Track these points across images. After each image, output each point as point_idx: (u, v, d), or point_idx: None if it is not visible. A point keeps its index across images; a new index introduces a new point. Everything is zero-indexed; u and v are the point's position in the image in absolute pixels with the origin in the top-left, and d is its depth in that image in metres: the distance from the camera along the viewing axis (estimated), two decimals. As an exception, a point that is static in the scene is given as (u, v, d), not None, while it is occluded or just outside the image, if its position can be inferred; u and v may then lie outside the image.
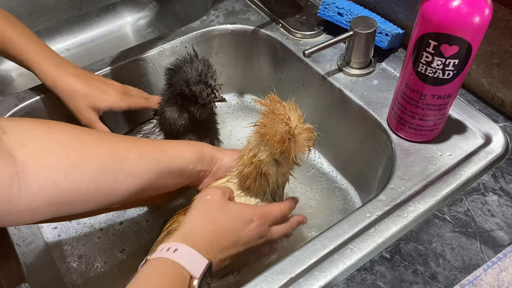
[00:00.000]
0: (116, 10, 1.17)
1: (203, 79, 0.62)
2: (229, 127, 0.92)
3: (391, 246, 0.54)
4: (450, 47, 0.51)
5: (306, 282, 0.50)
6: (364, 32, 0.69)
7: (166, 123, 0.67)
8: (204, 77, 0.62)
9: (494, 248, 0.54)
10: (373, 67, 0.75)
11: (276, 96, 0.54)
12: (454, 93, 0.58)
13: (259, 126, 0.53)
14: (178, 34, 0.84)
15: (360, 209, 0.57)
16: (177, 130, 0.67)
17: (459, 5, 0.49)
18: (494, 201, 0.58)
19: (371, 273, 0.52)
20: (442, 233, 0.55)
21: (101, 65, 0.79)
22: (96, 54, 0.74)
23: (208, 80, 0.62)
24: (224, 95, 0.97)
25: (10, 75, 1.05)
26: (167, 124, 0.67)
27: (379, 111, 0.69)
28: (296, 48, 0.80)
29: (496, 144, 0.63)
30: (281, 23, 0.84)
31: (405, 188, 0.59)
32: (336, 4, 0.78)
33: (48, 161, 0.45)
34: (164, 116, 0.67)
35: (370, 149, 0.72)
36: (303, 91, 0.83)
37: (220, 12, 0.89)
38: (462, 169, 0.60)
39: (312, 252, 0.53)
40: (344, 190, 0.81)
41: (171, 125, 0.66)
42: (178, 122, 0.66)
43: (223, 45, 0.88)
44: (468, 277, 0.51)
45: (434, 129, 0.62)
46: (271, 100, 0.54)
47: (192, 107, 0.64)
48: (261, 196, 0.58)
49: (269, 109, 0.53)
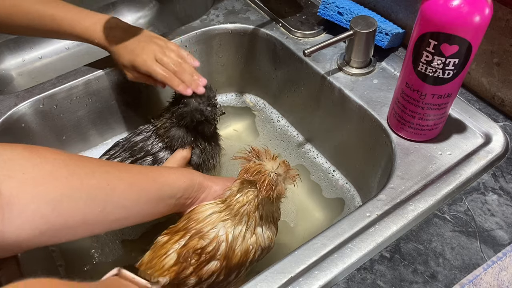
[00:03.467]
0: (116, 9, 1.17)
1: (212, 103, 0.67)
2: (230, 127, 0.92)
3: (391, 245, 0.54)
4: (450, 46, 0.51)
5: (306, 282, 0.50)
6: (364, 31, 0.69)
7: (174, 140, 0.68)
8: (211, 100, 0.67)
9: (494, 247, 0.54)
10: (373, 67, 0.75)
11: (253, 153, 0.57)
12: (454, 93, 0.58)
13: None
14: (178, 33, 0.84)
15: (360, 209, 0.57)
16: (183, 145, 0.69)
17: (459, 5, 0.49)
18: (494, 201, 0.58)
19: (371, 273, 0.52)
20: (442, 233, 0.55)
21: (101, 64, 0.79)
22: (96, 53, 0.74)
23: (213, 101, 0.67)
24: (224, 94, 0.98)
25: (10, 74, 1.05)
26: (174, 141, 0.69)
27: (379, 111, 0.69)
28: (296, 47, 0.80)
29: (496, 144, 0.63)
30: (281, 22, 0.84)
31: (405, 188, 0.59)
32: (336, 3, 0.77)
33: (35, 193, 0.43)
34: (172, 136, 0.68)
35: (370, 149, 0.72)
36: (303, 91, 0.83)
37: (220, 12, 0.88)
38: (462, 169, 0.60)
39: (312, 251, 0.53)
40: (344, 189, 0.81)
41: (179, 143, 0.69)
42: (187, 140, 0.69)
43: (223, 44, 0.88)
44: (468, 277, 0.51)
45: (434, 129, 0.62)
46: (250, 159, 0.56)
47: (200, 126, 0.69)
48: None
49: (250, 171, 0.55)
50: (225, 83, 0.95)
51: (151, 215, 0.55)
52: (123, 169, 0.53)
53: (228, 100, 0.97)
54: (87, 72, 0.78)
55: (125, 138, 0.73)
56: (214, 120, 0.69)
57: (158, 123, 0.70)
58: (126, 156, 0.69)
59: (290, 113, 0.91)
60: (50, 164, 0.46)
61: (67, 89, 0.76)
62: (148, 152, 0.69)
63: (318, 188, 0.82)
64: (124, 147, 0.70)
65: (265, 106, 0.96)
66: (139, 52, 0.67)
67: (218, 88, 0.72)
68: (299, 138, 0.90)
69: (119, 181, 0.51)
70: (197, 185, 0.59)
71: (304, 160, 0.86)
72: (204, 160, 0.72)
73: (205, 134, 0.70)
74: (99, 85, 0.79)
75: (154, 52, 0.67)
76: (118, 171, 0.52)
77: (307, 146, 0.88)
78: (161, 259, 0.54)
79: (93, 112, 0.82)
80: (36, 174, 0.44)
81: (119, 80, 0.80)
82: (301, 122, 0.89)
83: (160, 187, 0.55)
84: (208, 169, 0.74)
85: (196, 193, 0.59)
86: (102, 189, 0.48)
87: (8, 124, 0.72)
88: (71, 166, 0.47)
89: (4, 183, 0.42)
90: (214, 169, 0.75)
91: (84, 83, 0.77)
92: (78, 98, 0.78)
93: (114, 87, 0.81)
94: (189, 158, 0.70)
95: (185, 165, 0.70)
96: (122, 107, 0.85)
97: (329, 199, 0.80)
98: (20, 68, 1.05)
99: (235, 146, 0.88)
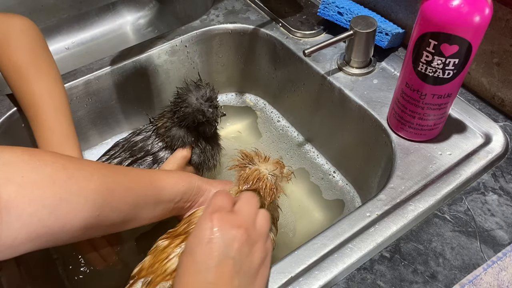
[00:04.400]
0: (116, 9, 1.17)
1: (214, 104, 0.67)
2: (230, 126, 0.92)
3: (391, 245, 0.54)
4: (450, 46, 0.51)
5: (306, 281, 0.51)
6: (364, 31, 0.69)
7: (174, 140, 0.68)
8: (213, 101, 0.67)
9: (494, 247, 0.54)
10: (373, 67, 0.75)
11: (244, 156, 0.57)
12: (454, 93, 0.58)
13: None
14: (178, 33, 0.84)
15: (360, 209, 0.57)
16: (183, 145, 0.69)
17: (459, 5, 0.49)
18: (494, 201, 0.58)
19: (371, 273, 0.52)
20: (442, 233, 0.55)
21: (101, 64, 0.79)
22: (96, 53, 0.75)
23: (215, 103, 0.67)
24: (224, 94, 0.98)
25: (10, 74, 1.05)
26: (175, 141, 0.68)
27: (379, 111, 0.69)
28: (296, 47, 0.80)
29: (496, 144, 0.63)
30: (281, 22, 0.84)
31: (405, 188, 0.59)
32: (336, 3, 0.77)
33: (33, 197, 0.43)
34: (172, 136, 0.68)
35: (370, 149, 0.72)
36: (303, 91, 0.83)
37: (220, 12, 0.88)
38: (462, 169, 0.60)
39: (312, 251, 0.53)
40: (344, 189, 0.81)
41: (179, 143, 0.69)
42: (188, 140, 0.69)
43: (223, 44, 0.88)
44: (468, 277, 0.51)
45: (434, 129, 0.62)
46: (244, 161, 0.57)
47: (201, 127, 0.69)
48: None
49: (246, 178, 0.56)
50: (225, 83, 0.95)
51: (149, 219, 0.55)
52: (122, 173, 0.53)
53: (228, 100, 0.97)
54: (87, 72, 0.78)
55: (125, 138, 0.73)
56: (215, 121, 0.70)
57: (159, 123, 0.70)
58: (126, 156, 0.69)
59: (290, 113, 0.91)
60: (50, 167, 0.46)
61: (67, 89, 0.75)
62: (148, 152, 0.69)
63: (318, 189, 0.82)
64: (124, 147, 0.70)
65: (265, 106, 0.96)
66: None
67: (218, 88, 0.72)
68: (299, 139, 0.90)
69: (117, 185, 0.50)
70: (196, 189, 0.58)
71: (304, 162, 0.86)
72: (204, 159, 0.72)
73: (206, 134, 0.70)
74: (99, 85, 0.79)
75: None
76: (116, 175, 0.51)
77: (308, 147, 0.88)
78: (163, 263, 0.54)
79: (93, 112, 0.82)
80: (35, 178, 0.44)
81: (119, 80, 0.80)
82: (301, 122, 0.89)
83: (158, 191, 0.54)
84: (208, 169, 0.74)
85: (195, 196, 0.59)
86: (100, 194, 0.48)
87: (8, 124, 0.72)
88: (70, 169, 0.47)
89: (3, 186, 0.42)
90: (214, 168, 0.75)
91: (84, 83, 0.77)
92: (78, 98, 0.78)
93: (114, 87, 0.81)
94: (189, 157, 0.70)
95: (185, 164, 0.70)
96: (122, 107, 0.85)
97: (329, 198, 0.80)
98: (20, 68, 1.05)
99: (235, 146, 0.88)
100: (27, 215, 0.42)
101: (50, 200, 0.44)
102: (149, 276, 0.53)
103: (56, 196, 0.44)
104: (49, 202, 0.44)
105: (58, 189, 0.45)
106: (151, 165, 0.68)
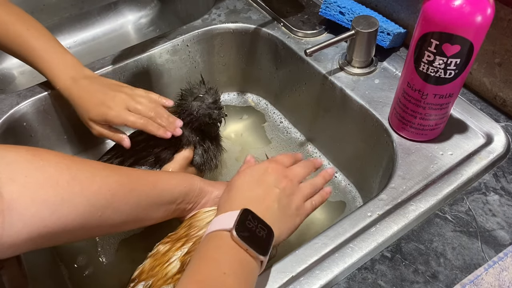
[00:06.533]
0: (118, 8, 1.17)
1: (218, 106, 0.69)
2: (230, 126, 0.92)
3: (392, 245, 0.54)
4: (452, 46, 0.51)
5: (307, 281, 0.51)
6: (365, 31, 0.69)
7: (177, 140, 0.68)
8: (217, 103, 0.69)
9: (495, 247, 0.54)
10: (374, 66, 0.75)
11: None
12: (455, 93, 0.58)
13: None
14: (179, 32, 0.84)
15: (361, 208, 0.57)
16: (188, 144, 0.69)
17: (461, 4, 0.48)
18: (495, 201, 0.58)
19: (372, 272, 0.52)
20: (443, 233, 0.55)
21: (102, 64, 0.79)
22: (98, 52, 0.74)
23: (219, 104, 0.69)
24: (226, 94, 0.98)
25: (12, 73, 1.05)
26: (178, 141, 0.69)
27: (381, 110, 0.69)
28: (297, 47, 0.80)
29: (498, 144, 0.63)
30: (283, 22, 0.84)
31: (406, 188, 0.59)
32: (337, 3, 0.77)
33: (36, 197, 0.43)
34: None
35: (371, 148, 0.72)
36: (305, 90, 0.83)
37: (222, 11, 0.89)
38: (463, 169, 0.60)
39: (313, 250, 0.53)
40: (345, 189, 0.81)
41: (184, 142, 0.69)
42: (192, 139, 0.69)
43: (224, 44, 0.88)
44: (469, 277, 0.51)
45: (435, 129, 0.62)
46: None
47: (206, 127, 0.70)
48: None
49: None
50: (226, 83, 0.95)
51: (151, 220, 0.56)
52: (124, 174, 0.53)
53: (230, 99, 0.97)
54: (88, 71, 0.78)
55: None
56: (219, 122, 0.71)
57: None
58: (128, 156, 0.69)
59: (292, 113, 0.91)
60: (53, 167, 0.46)
61: (68, 88, 0.76)
62: (151, 152, 0.69)
63: (319, 187, 0.82)
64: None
65: (267, 106, 0.95)
66: (111, 104, 0.64)
67: (220, 88, 0.72)
68: (301, 139, 0.89)
69: (119, 186, 0.51)
70: (198, 190, 0.59)
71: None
72: (207, 159, 0.72)
73: (210, 135, 0.71)
74: (101, 84, 0.79)
75: (125, 101, 0.65)
76: (118, 176, 0.52)
77: (310, 147, 0.88)
78: (164, 267, 0.54)
79: (95, 111, 0.82)
80: (38, 178, 0.44)
81: (121, 79, 0.80)
82: (302, 122, 0.89)
83: (160, 192, 0.54)
84: (210, 169, 0.74)
85: (197, 198, 0.59)
86: (102, 195, 0.48)
87: (9, 123, 0.72)
88: (73, 170, 0.47)
89: (6, 186, 0.42)
90: (216, 168, 0.75)
91: (85, 82, 0.77)
92: (79, 97, 0.78)
93: (115, 86, 0.81)
94: (191, 158, 0.70)
95: (187, 165, 0.70)
96: (124, 106, 0.85)
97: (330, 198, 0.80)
98: (21, 67, 1.05)
99: (236, 146, 0.88)
100: (30, 215, 0.43)
101: (52, 200, 0.44)
102: (150, 279, 0.53)
103: (58, 197, 0.45)
104: (52, 202, 0.44)
105: (61, 189, 0.45)
106: (154, 165, 0.68)
